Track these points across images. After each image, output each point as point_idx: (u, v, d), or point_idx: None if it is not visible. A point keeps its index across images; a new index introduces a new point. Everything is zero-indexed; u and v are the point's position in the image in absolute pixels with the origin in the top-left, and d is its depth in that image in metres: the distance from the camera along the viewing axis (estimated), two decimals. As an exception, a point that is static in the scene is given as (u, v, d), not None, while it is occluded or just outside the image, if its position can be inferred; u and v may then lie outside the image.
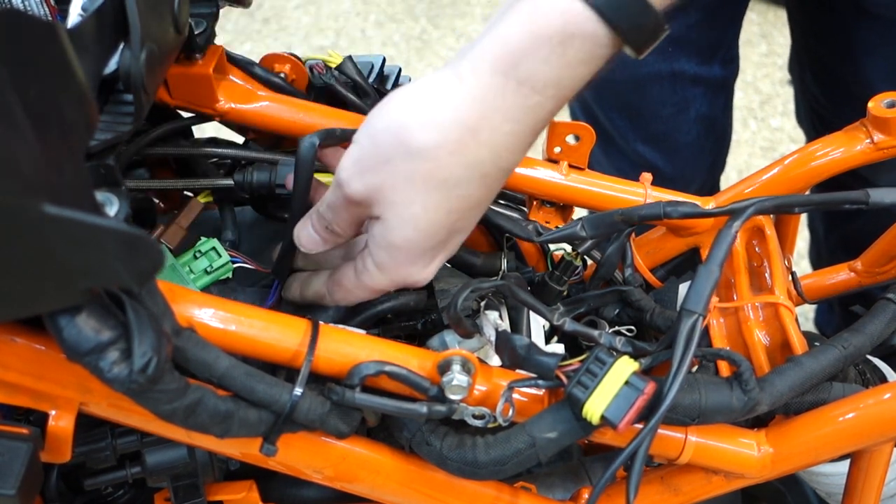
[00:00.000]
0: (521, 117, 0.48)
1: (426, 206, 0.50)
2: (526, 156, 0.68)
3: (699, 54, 1.10)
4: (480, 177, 0.50)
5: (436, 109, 0.48)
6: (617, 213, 0.65)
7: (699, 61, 1.11)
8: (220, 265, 0.62)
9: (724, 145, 1.28)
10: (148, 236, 0.37)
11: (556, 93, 0.48)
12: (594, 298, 0.72)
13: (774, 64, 2.46)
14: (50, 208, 0.34)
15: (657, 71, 1.10)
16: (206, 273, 0.62)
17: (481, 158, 0.49)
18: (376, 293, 0.57)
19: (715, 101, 1.18)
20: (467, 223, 0.54)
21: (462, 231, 0.54)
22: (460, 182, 0.50)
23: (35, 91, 0.34)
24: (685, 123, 1.17)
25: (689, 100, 1.14)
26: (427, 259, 0.54)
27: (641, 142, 1.19)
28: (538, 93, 0.47)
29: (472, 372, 0.52)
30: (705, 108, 1.16)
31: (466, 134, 0.48)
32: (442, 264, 0.56)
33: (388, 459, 0.58)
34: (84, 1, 0.50)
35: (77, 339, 0.41)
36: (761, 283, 0.68)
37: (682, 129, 1.18)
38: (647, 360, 0.57)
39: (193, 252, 0.62)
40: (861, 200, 0.62)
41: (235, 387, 0.49)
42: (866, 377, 0.69)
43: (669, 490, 0.63)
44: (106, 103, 0.50)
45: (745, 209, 0.58)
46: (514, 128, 0.49)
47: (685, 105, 1.15)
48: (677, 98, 1.13)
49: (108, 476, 0.62)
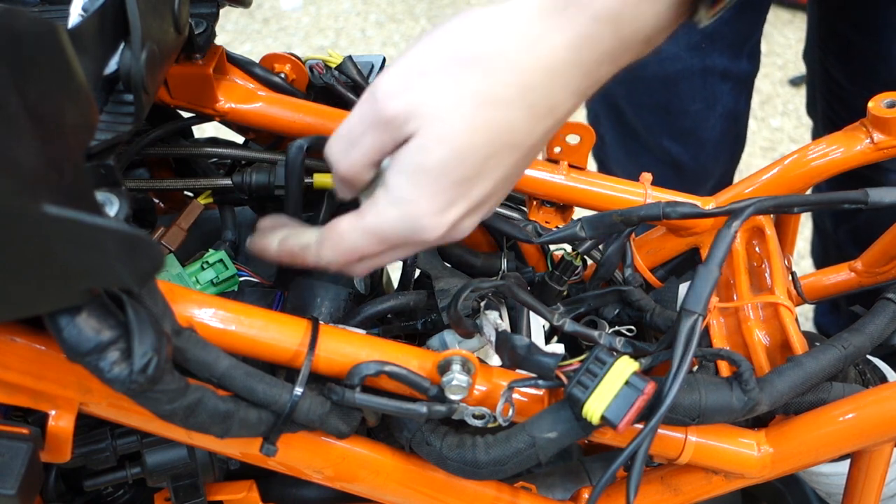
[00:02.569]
0: (578, 45, 0.46)
1: (468, 123, 0.47)
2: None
3: (730, 48, 1.12)
4: (529, 106, 0.47)
5: (497, 21, 0.47)
6: (616, 214, 0.65)
7: (730, 56, 1.12)
8: (226, 277, 0.63)
9: (742, 140, 1.30)
10: (148, 236, 0.37)
11: (616, 29, 0.46)
12: (594, 298, 0.72)
13: (774, 64, 2.46)
14: (50, 208, 0.34)
15: (689, 66, 1.11)
16: (212, 284, 0.63)
17: (536, 81, 0.47)
18: (374, 243, 0.51)
19: (739, 97, 1.20)
20: (501, 168, 0.49)
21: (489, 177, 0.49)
22: (510, 103, 0.47)
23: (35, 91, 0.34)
24: (712, 118, 1.19)
25: (717, 95, 1.16)
26: (448, 198, 0.49)
27: (668, 137, 1.21)
28: (598, 21, 0.45)
29: (472, 372, 0.52)
30: (731, 104, 1.18)
31: (524, 49, 0.46)
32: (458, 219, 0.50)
33: (388, 459, 0.58)
34: (84, 1, 0.50)
35: (77, 339, 0.41)
36: (761, 283, 0.68)
37: (708, 125, 1.19)
38: (647, 360, 0.57)
39: (201, 263, 0.63)
40: (860, 200, 0.62)
41: (235, 387, 0.49)
42: (866, 377, 0.69)
43: (669, 490, 0.63)
44: (106, 103, 0.49)
45: (744, 209, 0.58)
46: (572, 56, 0.46)
47: (713, 101, 1.16)
48: (707, 93, 1.15)
49: (108, 476, 0.62)
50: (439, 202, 0.49)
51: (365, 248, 0.51)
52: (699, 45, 1.09)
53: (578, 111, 0.51)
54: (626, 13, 0.45)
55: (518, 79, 0.47)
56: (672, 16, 0.47)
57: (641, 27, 0.46)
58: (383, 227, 0.50)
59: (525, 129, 0.48)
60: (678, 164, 1.23)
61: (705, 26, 0.49)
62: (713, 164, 1.25)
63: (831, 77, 1.16)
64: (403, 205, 0.49)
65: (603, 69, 0.48)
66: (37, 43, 0.34)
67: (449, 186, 0.48)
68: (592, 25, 0.45)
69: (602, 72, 0.48)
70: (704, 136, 1.21)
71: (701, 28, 0.49)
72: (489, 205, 0.52)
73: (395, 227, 0.50)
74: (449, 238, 0.52)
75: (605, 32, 0.46)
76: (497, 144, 0.48)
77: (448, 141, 0.47)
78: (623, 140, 1.27)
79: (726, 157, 1.27)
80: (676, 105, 1.17)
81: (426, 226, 0.49)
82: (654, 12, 0.46)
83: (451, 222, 0.50)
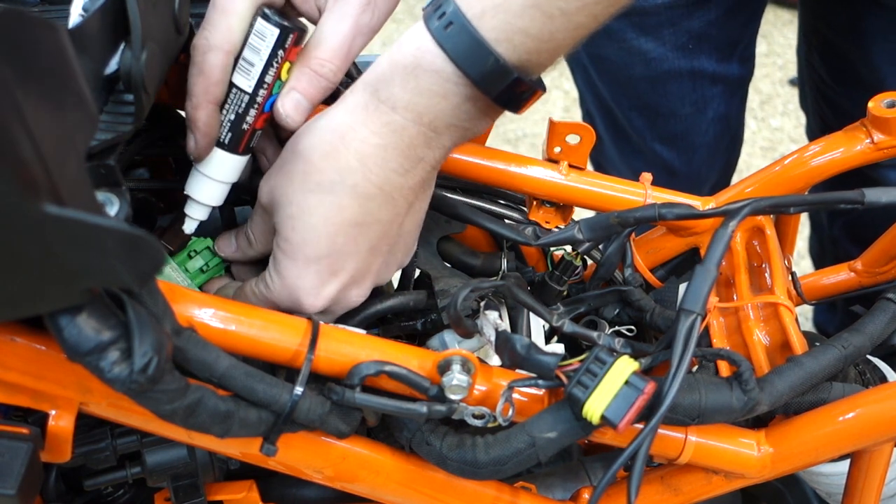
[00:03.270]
0: (383, 132, 0.53)
1: (302, 208, 0.54)
2: (525, 156, 0.69)
3: (719, 51, 1.11)
4: (352, 186, 0.54)
5: (318, 120, 0.55)
6: (613, 216, 0.65)
7: (719, 58, 1.11)
8: (215, 264, 0.64)
9: (737, 145, 1.29)
10: (149, 236, 0.37)
11: (416, 117, 0.52)
12: (594, 298, 0.72)
13: (774, 64, 2.47)
14: (51, 208, 0.34)
15: (677, 68, 1.10)
16: (201, 272, 0.64)
17: (351, 165, 0.53)
18: (270, 305, 0.58)
19: (731, 101, 1.18)
20: (354, 246, 0.55)
21: (350, 254, 0.56)
22: (333, 187, 0.54)
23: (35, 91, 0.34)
24: (703, 123, 1.18)
25: (707, 99, 1.15)
26: (314, 275, 0.55)
27: (659, 141, 1.20)
28: (396, 112, 0.52)
29: (472, 372, 0.52)
30: (723, 108, 1.17)
31: (337, 139, 0.54)
32: (338, 293, 0.57)
33: (388, 459, 0.58)
34: (84, 1, 0.50)
35: (77, 339, 0.41)
36: (761, 282, 0.69)
37: (699, 129, 1.19)
38: (647, 360, 0.57)
39: (188, 251, 0.64)
40: (857, 200, 0.62)
41: (236, 387, 0.49)
42: (866, 377, 0.69)
43: (669, 490, 0.63)
44: (106, 103, 0.49)
45: (741, 210, 0.59)
46: (379, 142, 0.53)
47: (704, 104, 1.15)
48: (696, 97, 1.14)
49: (108, 476, 0.62)
50: (311, 277, 0.56)
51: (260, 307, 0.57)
52: (686, 46, 1.07)
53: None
54: (420, 104, 0.52)
55: (336, 165, 0.53)
56: (473, 110, 0.53)
57: (441, 117, 0.52)
58: (272, 295, 0.57)
59: (356, 206, 0.54)
60: (671, 168, 1.22)
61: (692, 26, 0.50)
62: (707, 170, 1.24)
63: (817, 74, 1.16)
64: (282, 277, 0.56)
65: (420, 150, 0.54)
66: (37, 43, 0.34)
67: (307, 263, 0.55)
68: (392, 115, 0.53)
69: (422, 152, 0.54)
70: (697, 140, 1.19)
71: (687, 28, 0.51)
72: (373, 276, 0.59)
73: (280, 295, 0.57)
74: (338, 309, 0.59)
75: (407, 121, 0.52)
76: (336, 223, 0.54)
77: (290, 223, 0.55)
78: (616, 142, 1.26)
79: (721, 162, 1.26)
80: (665, 108, 1.16)
81: (303, 298, 0.56)
82: (452, 105, 0.52)
83: (330, 297, 0.57)
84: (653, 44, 1.07)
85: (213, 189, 0.61)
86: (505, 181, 0.69)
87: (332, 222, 0.54)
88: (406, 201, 0.56)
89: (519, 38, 0.49)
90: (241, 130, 0.59)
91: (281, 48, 0.57)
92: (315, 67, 0.58)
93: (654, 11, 1.03)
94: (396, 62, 0.52)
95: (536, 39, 0.50)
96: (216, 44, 0.55)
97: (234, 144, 0.59)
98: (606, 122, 1.25)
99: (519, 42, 0.50)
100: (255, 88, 0.57)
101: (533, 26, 0.49)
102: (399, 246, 0.59)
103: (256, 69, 0.57)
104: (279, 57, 0.57)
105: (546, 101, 2.42)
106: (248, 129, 0.59)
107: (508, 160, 0.69)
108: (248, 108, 0.58)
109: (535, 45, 0.50)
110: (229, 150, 0.59)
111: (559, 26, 0.49)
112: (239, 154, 0.60)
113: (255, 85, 0.57)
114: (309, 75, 0.58)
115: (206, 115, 0.57)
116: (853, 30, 1.03)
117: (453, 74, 0.51)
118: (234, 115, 0.58)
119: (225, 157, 0.59)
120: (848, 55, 1.07)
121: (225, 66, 0.56)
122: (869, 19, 1.00)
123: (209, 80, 0.56)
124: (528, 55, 0.50)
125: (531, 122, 2.34)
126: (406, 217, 0.58)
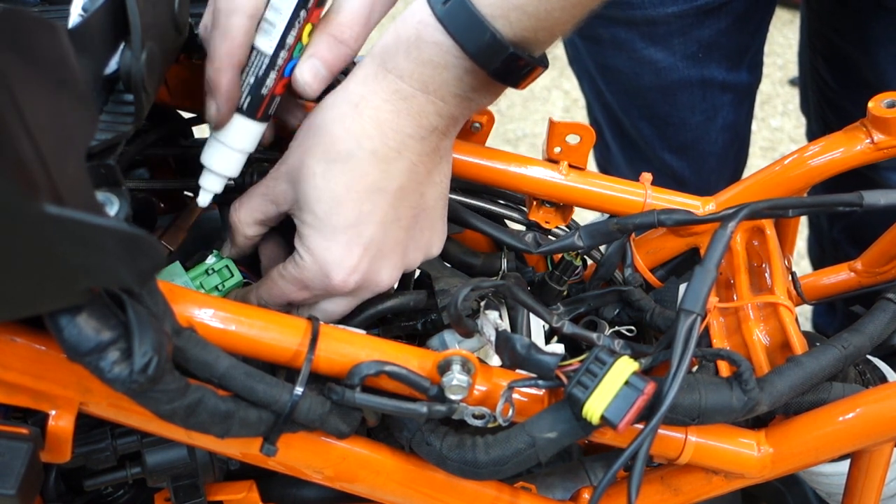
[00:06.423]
0: (394, 99, 0.55)
1: (326, 177, 0.55)
2: (525, 156, 0.70)
3: (729, 60, 1.10)
4: (371, 152, 0.55)
5: (334, 94, 0.57)
6: (612, 223, 0.66)
7: (728, 67, 1.11)
8: (232, 284, 0.64)
9: (745, 153, 1.29)
10: (149, 236, 0.37)
11: (422, 86, 0.54)
12: (594, 298, 0.72)
13: (774, 64, 2.47)
14: (51, 208, 0.34)
15: (687, 77, 1.10)
16: (216, 290, 0.63)
17: (368, 132, 0.55)
18: (296, 289, 0.58)
19: (740, 109, 1.18)
20: (379, 214, 0.56)
21: (375, 223, 0.56)
22: (353, 154, 0.55)
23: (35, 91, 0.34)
24: (713, 132, 1.17)
25: (717, 107, 1.15)
26: (343, 246, 0.56)
27: (668, 151, 1.20)
28: (403, 81, 0.54)
29: (472, 372, 0.52)
30: (732, 116, 1.17)
31: (351, 109, 0.55)
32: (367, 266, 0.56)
33: (388, 459, 0.58)
34: (84, 1, 0.50)
35: (78, 338, 0.41)
36: (761, 283, 0.69)
37: (709, 139, 1.18)
38: (647, 360, 0.57)
39: (206, 269, 0.63)
40: (855, 203, 0.62)
41: (236, 387, 0.49)
42: (866, 377, 0.69)
43: (669, 490, 0.63)
44: (106, 103, 0.49)
45: (738, 213, 0.59)
46: (392, 107, 0.55)
47: (713, 113, 1.15)
48: (706, 105, 1.14)
49: (108, 476, 0.62)
50: (339, 248, 0.56)
51: (290, 293, 0.58)
52: (696, 55, 1.07)
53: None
54: (425, 74, 0.54)
55: (350, 134, 0.55)
56: (475, 82, 0.54)
57: (445, 86, 0.54)
58: (301, 273, 0.57)
59: (377, 172, 0.55)
60: (680, 178, 1.22)
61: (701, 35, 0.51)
62: (717, 178, 1.23)
63: (821, 77, 1.16)
64: (311, 252, 0.56)
65: (431, 118, 0.55)
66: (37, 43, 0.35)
67: (334, 232, 0.56)
68: (400, 83, 0.54)
69: (434, 119, 0.55)
70: (706, 149, 1.19)
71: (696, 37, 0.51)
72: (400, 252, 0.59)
73: (311, 271, 0.57)
74: (368, 288, 0.59)
75: (414, 89, 0.54)
76: (359, 190, 0.55)
77: (314, 193, 0.55)
78: (624, 151, 1.26)
79: (730, 170, 1.26)
80: (675, 117, 1.16)
81: (333, 271, 0.56)
82: (453, 76, 0.53)
83: (360, 270, 0.57)
84: (662, 53, 1.07)
85: (230, 158, 0.60)
86: (505, 181, 0.69)
87: (355, 189, 0.55)
88: (425, 167, 0.57)
89: (515, 14, 0.51)
90: (261, 95, 0.58)
91: (303, 7, 0.56)
92: (335, 33, 0.58)
93: (664, 21, 1.03)
94: (400, 35, 0.54)
95: (533, 17, 0.51)
96: (239, 6, 0.55)
97: (252, 109, 0.59)
98: (614, 131, 1.25)
99: (515, 18, 0.51)
100: (276, 50, 0.57)
101: (530, 3, 0.50)
102: (424, 221, 0.59)
103: (278, 30, 0.56)
104: (301, 17, 0.57)
105: (546, 101, 2.42)
106: (267, 94, 0.58)
107: (508, 160, 0.69)
108: (269, 71, 0.57)
109: (532, 23, 0.51)
110: (248, 116, 0.59)
111: (556, 4, 0.50)
112: (257, 120, 0.59)
113: (276, 46, 0.57)
114: (328, 41, 0.58)
115: (228, 79, 0.57)
116: (859, 34, 1.03)
117: (452, 48, 0.52)
118: (254, 79, 0.58)
119: (243, 123, 0.59)
120: (854, 60, 1.06)
121: (248, 29, 0.56)
122: (875, 24, 1.00)
123: (233, 43, 0.56)
124: (525, 32, 0.52)
125: (531, 122, 2.34)
126: (427, 186, 0.58)
